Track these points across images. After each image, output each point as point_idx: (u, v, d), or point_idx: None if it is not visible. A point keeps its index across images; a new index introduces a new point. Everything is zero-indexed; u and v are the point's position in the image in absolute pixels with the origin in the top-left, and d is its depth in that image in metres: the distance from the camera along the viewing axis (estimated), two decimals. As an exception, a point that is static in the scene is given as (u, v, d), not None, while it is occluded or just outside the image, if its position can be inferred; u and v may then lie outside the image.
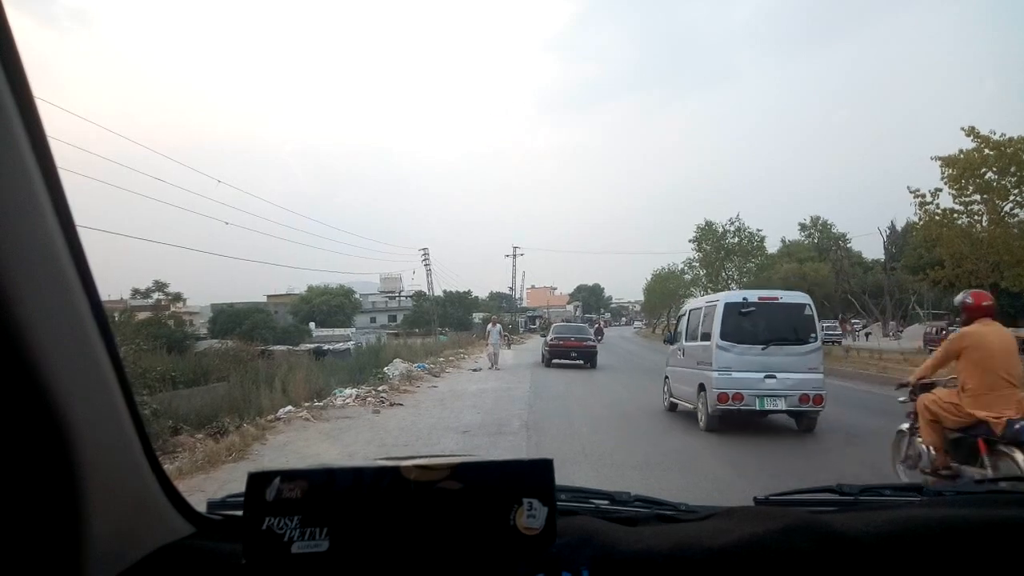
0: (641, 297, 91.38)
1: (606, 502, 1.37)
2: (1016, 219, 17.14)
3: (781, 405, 10.09)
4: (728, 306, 10.63)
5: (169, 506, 1.19)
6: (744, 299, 10.88)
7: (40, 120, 0.87)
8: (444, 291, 71.16)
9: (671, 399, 12.61)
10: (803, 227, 59.52)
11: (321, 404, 13.28)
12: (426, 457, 1.02)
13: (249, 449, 8.90)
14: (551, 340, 24.92)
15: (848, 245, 56.56)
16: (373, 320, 78.22)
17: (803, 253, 55.10)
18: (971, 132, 16.67)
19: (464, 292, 76.66)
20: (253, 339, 31.06)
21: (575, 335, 25.50)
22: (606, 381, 19.89)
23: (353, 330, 56.87)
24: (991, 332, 5.78)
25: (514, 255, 76.57)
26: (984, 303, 5.95)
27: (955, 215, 17.42)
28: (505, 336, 46.33)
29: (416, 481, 0.98)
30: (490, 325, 26.57)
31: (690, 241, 42.62)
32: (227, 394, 13.08)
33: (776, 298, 11.05)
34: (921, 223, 18.67)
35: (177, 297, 49.82)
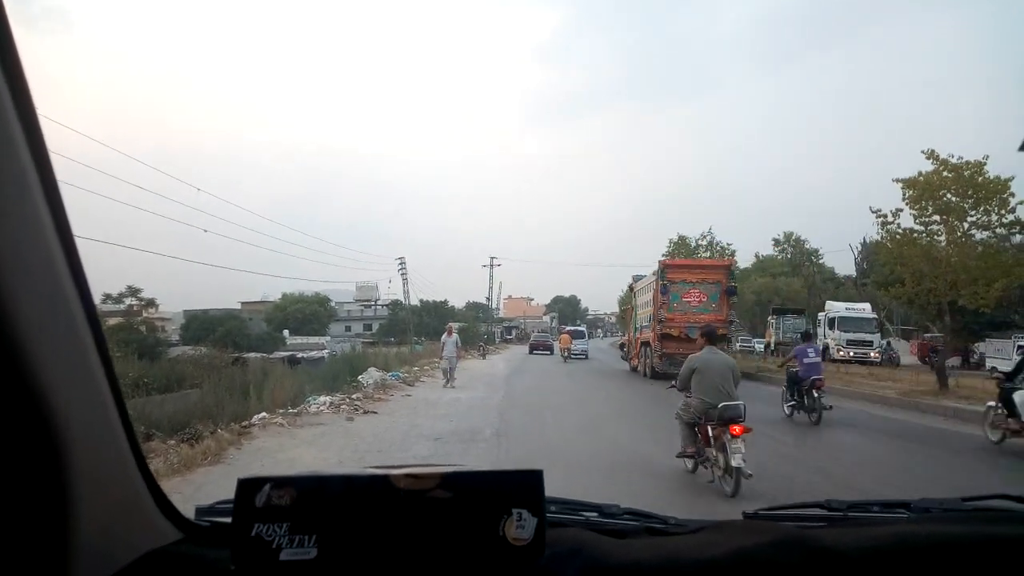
0: (617, 309, 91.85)
1: (595, 514, 1.37)
2: (973, 239, 17.82)
3: (578, 353, 40.41)
4: (569, 329, 50.18)
5: (157, 511, 1.19)
6: (574, 328, 53.81)
7: (40, 128, 0.88)
8: (420, 300, 71.28)
9: (562, 355, 38.52)
10: (777, 242, 60.47)
11: (295, 411, 13.38)
12: (416, 466, 1.03)
13: (224, 454, 9.02)
14: (532, 342, 53.34)
15: (821, 261, 57.53)
16: (348, 329, 77.90)
17: (776, 268, 55.95)
18: (931, 155, 17.36)
19: (440, 302, 76.75)
20: (226, 346, 30.88)
21: (542, 339, 53.03)
22: (580, 391, 20.17)
23: (328, 338, 56.63)
24: None
25: (491, 265, 76.68)
26: None
27: (915, 235, 18.05)
28: (481, 346, 46.63)
29: (406, 490, 0.98)
30: (445, 335, 21.88)
31: (663, 256, 43.24)
32: (200, 400, 13.10)
33: (578, 328, 55.27)
34: (884, 242, 19.29)
35: (150, 303, 49.35)
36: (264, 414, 12.33)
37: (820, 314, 37.53)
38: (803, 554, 1.13)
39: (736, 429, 7.17)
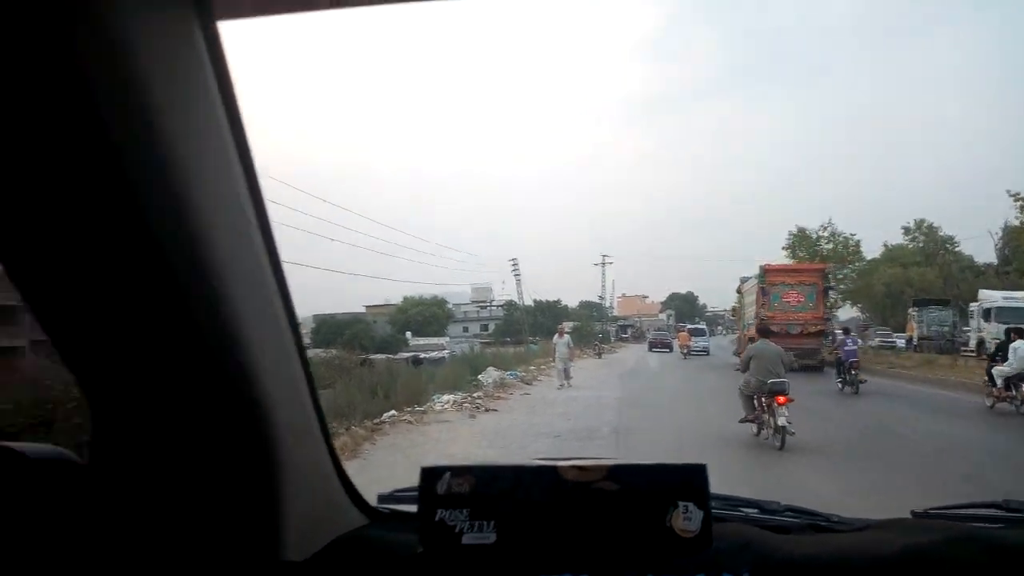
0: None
1: (755, 511, 1.36)
2: None
3: (699, 349, 37.94)
4: (689, 327, 45.75)
5: (347, 499, 1.30)
6: (694, 326, 47.87)
7: (253, 161, 0.96)
8: (534, 300, 72.03)
9: (681, 352, 37.61)
10: (907, 230, 56.68)
11: (422, 409, 14.11)
12: (581, 458, 1.08)
13: (360, 449, 9.73)
14: (651, 340, 53.84)
15: (957, 248, 53.58)
16: (466, 329, 79.67)
17: (907, 258, 52.61)
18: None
19: (553, 301, 77.18)
20: (354, 348, 32.36)
21: (661, 337, 52.47)
22: (694, 388, 19.94)
23: (447, 339, 58.18)
24: None
25: (603, 263, 76.37)
26: None
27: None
28: (596, 346, 46.54)
29: (574, 481, 1.02)
30: (556, 336, 21.94)
31: (783, 248, 41.82)
32: (333, 400, 13.98)
33: (698, 326, 48.36)
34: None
35: (283, 308, 52.34)
36: (393, 412, 13.08)
37: (972, 305, 33.39)
38: (982, 553, 1.09)
39: (781, 399, 9.74)
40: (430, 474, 1.03)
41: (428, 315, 68.63)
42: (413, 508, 1.16)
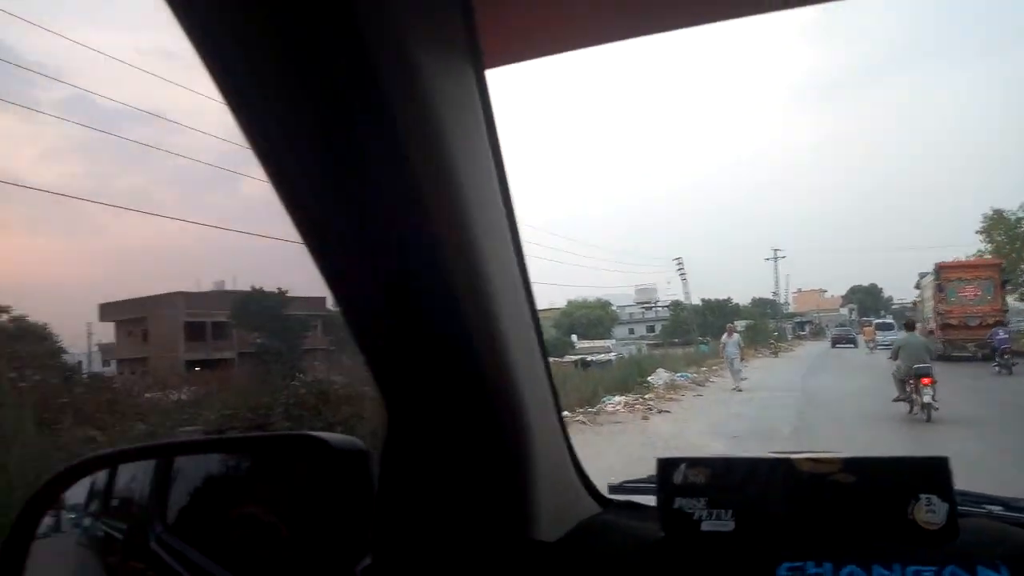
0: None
1: (1000, 508, 1.28)
2: None
3: (888, 343, 24.55)
4: (876, 322, 47.21)
5: (582, 489, 1.33)
6: (881, 320, 47.84)
7: (510, 189, 1.03)
8: (702, 299, 70.12)
9: (868, 346, 36.91)
10: None
11: (594, 410, 14.37)
12: (814, 452, 1.07)
13: (537, 448, 10.08)
14: (834, 335, 53.77)
15: None
16: (631, 331, 79.06)
17: None
18: None
19: (723, 300, 74.67)
20: (523, 352, 33.12)
21: (844, 332, 52.91)
22: (880, 385, 18.62)
23: (613, 341, 58.06)
24: None
25: (775, 258, 72.89)
26: None
27: None
28: (771, 344, 44.61)
29: (809, 472, 1.03)
30: (725, 335, 21.75)
31: (977, 232, 37.91)
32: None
33: (886, 321, 47.29)
34: None
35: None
36: (566, 413, 13.34)
37: None
38: None
39: (926, 380, 12.04)
40: (667, 464, 1.08)
41: (593, 318, 68.83)
42: (641, 498, 1.26)
